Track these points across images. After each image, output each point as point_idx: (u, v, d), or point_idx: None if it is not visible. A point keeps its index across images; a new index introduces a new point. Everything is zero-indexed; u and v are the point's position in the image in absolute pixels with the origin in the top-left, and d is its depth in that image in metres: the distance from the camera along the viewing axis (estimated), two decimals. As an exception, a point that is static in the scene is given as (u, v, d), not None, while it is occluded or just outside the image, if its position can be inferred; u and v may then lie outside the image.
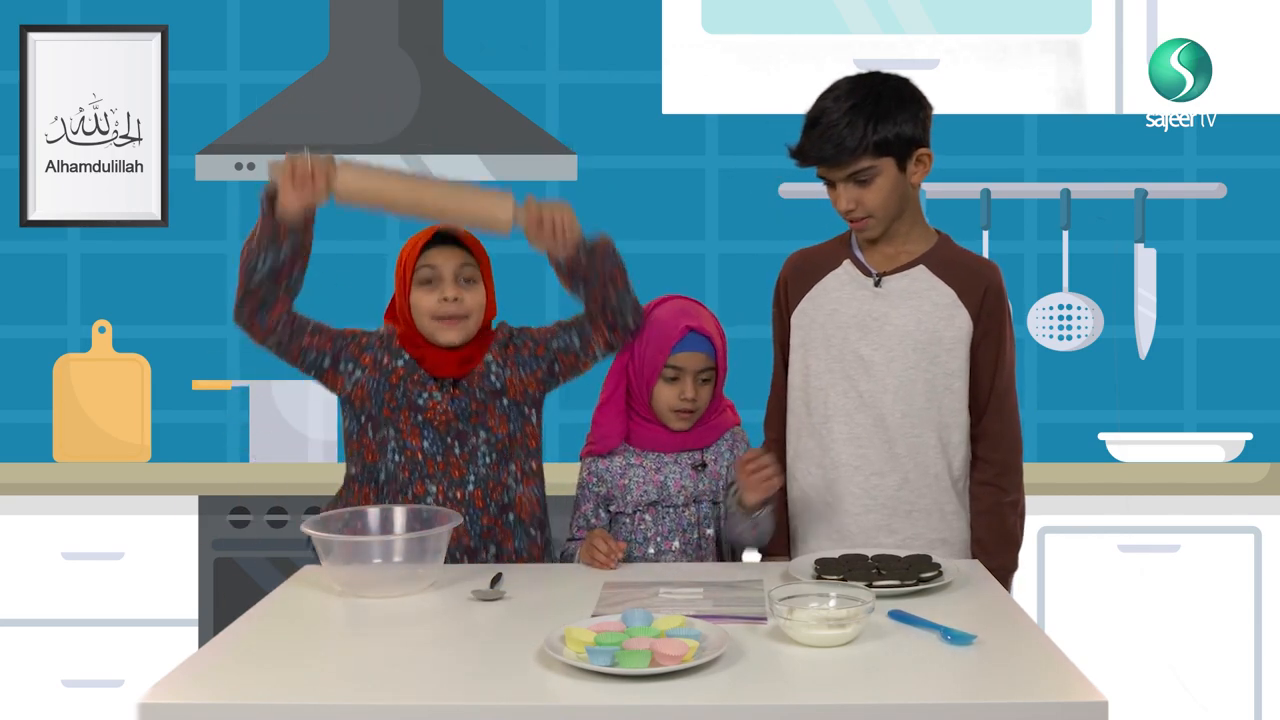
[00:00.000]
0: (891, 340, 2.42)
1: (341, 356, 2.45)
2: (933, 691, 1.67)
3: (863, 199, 2.38)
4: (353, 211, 2.46)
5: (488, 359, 2.47)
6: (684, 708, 1.60)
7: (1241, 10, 3.65)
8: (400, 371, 2.43)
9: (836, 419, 2.44)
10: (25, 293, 3.98)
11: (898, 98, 2.37)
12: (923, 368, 2.41)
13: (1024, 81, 3.68)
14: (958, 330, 2.42)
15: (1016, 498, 2.48)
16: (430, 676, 1.73)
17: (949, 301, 2.42)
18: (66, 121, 3.94)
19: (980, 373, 2.44)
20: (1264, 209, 3.94)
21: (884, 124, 2.34)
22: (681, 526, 2.45)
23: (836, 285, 2.47)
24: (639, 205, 3.97)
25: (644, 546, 2.46)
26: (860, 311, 2.44)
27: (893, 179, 2.38)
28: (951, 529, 2.45)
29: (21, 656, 3.44)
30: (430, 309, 2.41)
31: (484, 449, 2.43)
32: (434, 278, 2.42)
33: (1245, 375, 3.95)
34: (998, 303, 2.44)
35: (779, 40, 3.68)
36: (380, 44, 3.83)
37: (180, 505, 3.46)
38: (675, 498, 2.46)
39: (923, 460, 2.42)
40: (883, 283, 2.44)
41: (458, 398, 2.43)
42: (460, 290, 2.42)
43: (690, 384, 2.45)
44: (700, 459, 2.48)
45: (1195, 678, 3.41)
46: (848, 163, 2.35)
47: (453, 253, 2.44)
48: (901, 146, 2.36)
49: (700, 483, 2.47)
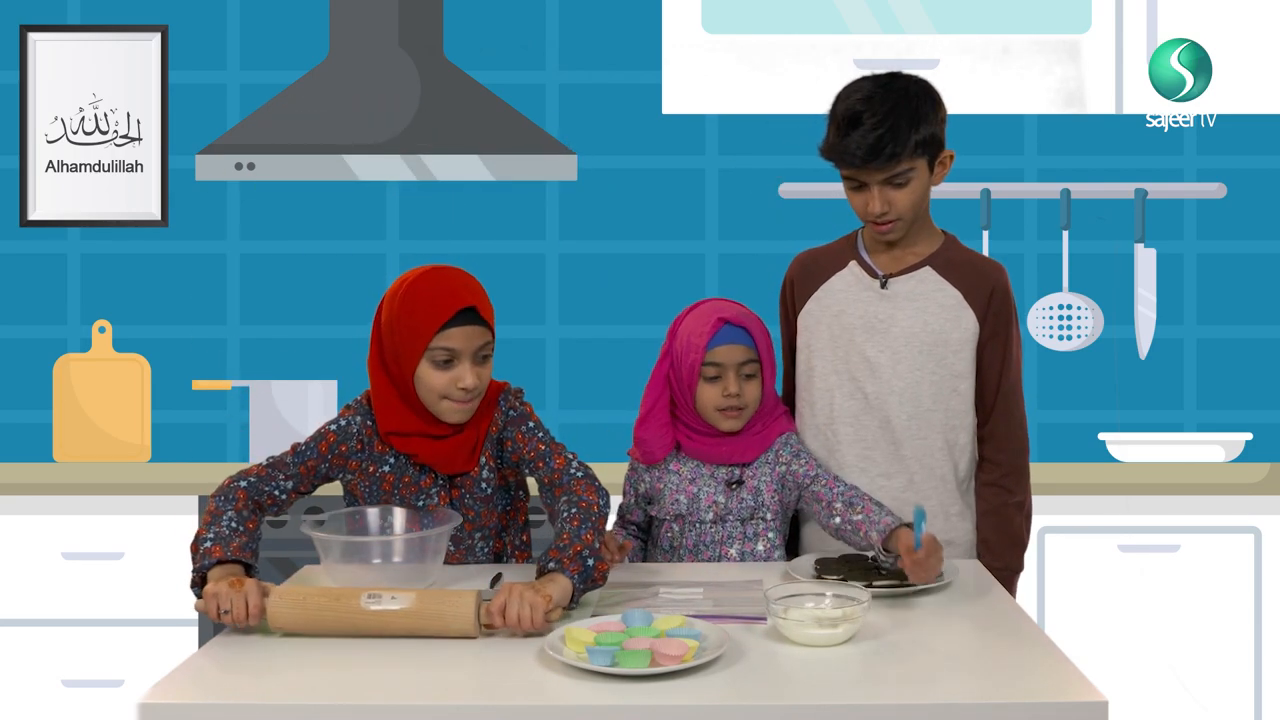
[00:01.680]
0: (898, 342, 2.41)
1: (331, 475, 2.27)
2: (932, 691, 1.67)
3: (896, 201, 2.36)
4: (351, 211, 2.45)
5: (481, 461, 2.29)
6: (684, 708, 1.60)
7: (1241, 10, 3.65)
8: (390, 478, 2.28)
9: (842, 421, 2.44)
10: (25, 293, 3.98)
11: (928, 99, 2.37)
12: (929, 369, 2.41)
13: (1024, 81, 3.68)
14: (964, 331, 2.41)
15: (1022, 498, 2.48)
16: (430, 677, 1.73)
17: (955, 303, 2.42)
18: (66, 121, 3.94)
19: (986, 374, 2.44)
20: (1264, 209, 3.94)
21: (922, 125, 2.34)
22: (705, 543, 2.40)
23: (843, 286, 2.47)
24: (639, 205, 3.97)
25: (669, 555, 2.44)
26: (866, 313, 2.44)
27: (925, 181, 2.38)
28: (957, 530, 2.45)
29: (21, 656, 3.44)
30: (443, 390, 2.19)
31: (480, 545, 2.35)
32: (453, 359, 2.18)
33: (1245, 375, 3.95)
34: (1004, 303, 2.44)
35: (779, 40, 3.68)
36: (380, 44, 3.83)
37: (180, 505, 3.46)
38: (704, 514, 2.40)
39: (929, 462, 2.42)
40: (889, 284, 2.43)
41: (456, 497, 2.30)
42: (478, 372, 2.20)
43: (733, 379, 2.36)
44: (739, 475, 2.40)
45: (1195, 678, 3.41)
46: (891, 165, 2.34)
47: (474, 332, 2.19)
48: (934, 147, 2.37)
49: (732, 500, 2.40)
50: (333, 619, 1.87)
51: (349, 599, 1.88)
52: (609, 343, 3.95)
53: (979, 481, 2.47)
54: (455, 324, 2.17)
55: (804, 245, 2.61)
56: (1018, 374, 2.47)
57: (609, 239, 3.97)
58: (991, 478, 2.46)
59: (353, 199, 3.94)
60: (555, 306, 3.99)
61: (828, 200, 3.87)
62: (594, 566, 1.99)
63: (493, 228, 3.96)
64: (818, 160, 2.33)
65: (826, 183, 3.86)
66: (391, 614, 1.86)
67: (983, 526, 2.46)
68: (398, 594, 1.88)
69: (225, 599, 1.90)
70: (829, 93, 2.46)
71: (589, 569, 1.98)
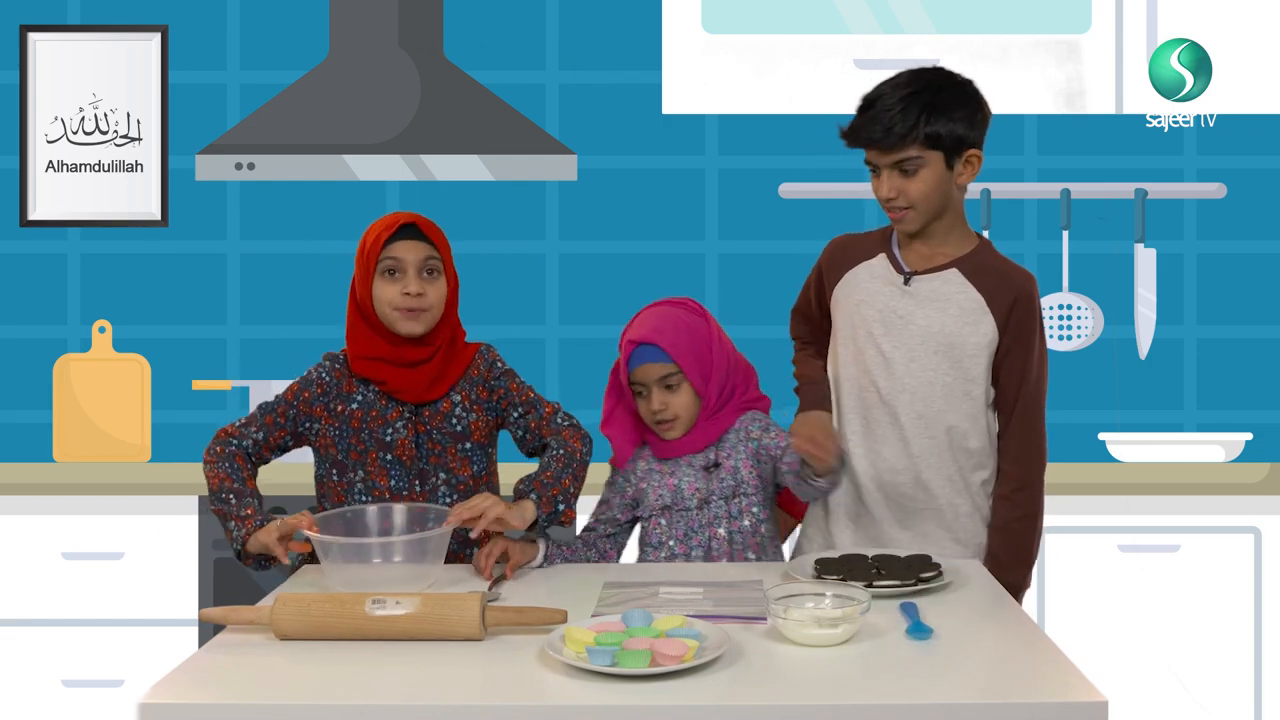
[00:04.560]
0: (914, 340, 2.41)
1: (299, 423, 2.41)
2: (932, 691, 1.67)
3: (905, 189, 2.36)
4: (351, 211, 2.45)
5: (455, 399, 2.42)
6: (684, 708, 1.60)
7: (1241, 10, 3.65)
8: (358, 414, 2.39)
9: (853, 412, 2.45)
10: (25, 293, 3.98)
11: (958, 95, 2.37)
12: (943, 370, 2.40)
13: (1024, 81, 3.67)
14: (982, 337, 2.40)
15: (1034, 515, 2.46)
16: (430, 677, 1.73)
17: (976, 307, 2.40)
18: (66, 121, 3.94)
19: (1005, 383, 2.42)
20: (1264, 209, 3.94)
21: (938, 117, 2.33)
22: (694, 529, 2.43)
23: (868, 277, 2.47)
24: (639, 205, 3.97)
25: (658, 550, 2.45)
26: (885, 308, 2.43)
27: (938, 174, 2.36)
28: (966, 530, 2.44)
29: (21, 656, 3.44)
30: (392, 300, 2.37)
31: (444, 489, 2.40)
32: (397, 269, 2.37)
33: (1245, 375, 3.95)
34: (1027, 313, 2.42)
35: (779, 40, 3.68)
36: (380, 44, 3.83)
37: (180, 505, 3.46)
38: (689, 501, 2.44)
39: (934, 461, 2.41)
40: (912, 282, 2.43)
41: (421, 432, 2.39)
42: (423, 284, 2.37)
43: (655, 395, 2.43)
44: (713, 458, 2.45)
45: (1195, 678, 3.41)
46: (895, 149, 2.34)
47: (416, 245, 2.39)
48: (952, 143, 2.35)
49: (712, 482, 2.44)
50: (337, 625, 1.87)
51: (353, 605, 1.88)
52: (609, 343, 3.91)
53: (994, 494, 2.46)
54: (399, 237, 2.38)
55: (804, 245, 2.62)
56: (1039, 388, 2.45)
57: (609, 239, 3.97)
58: (1004, 491, 2.45)
59: (353, 199, 3.93)
60: (555, 306, 3.99)
61: (828, 200, 3.87)
62: (562, 511, 2.28)
63: (493, 228, 3.96)
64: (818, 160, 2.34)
65: (827, 183, 3.87)
66: (396, 619, 1.86)
67: (992, 540, 2.45)
68: (401, 599, 1.88)
69: (276, 530, 2.15)
70: (829, 93, 2.48)
71: (557, 512, 2.27)
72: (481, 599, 1.88)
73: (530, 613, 1.90)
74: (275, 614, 1.88)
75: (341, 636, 1.87)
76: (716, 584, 2.17)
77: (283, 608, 1.88)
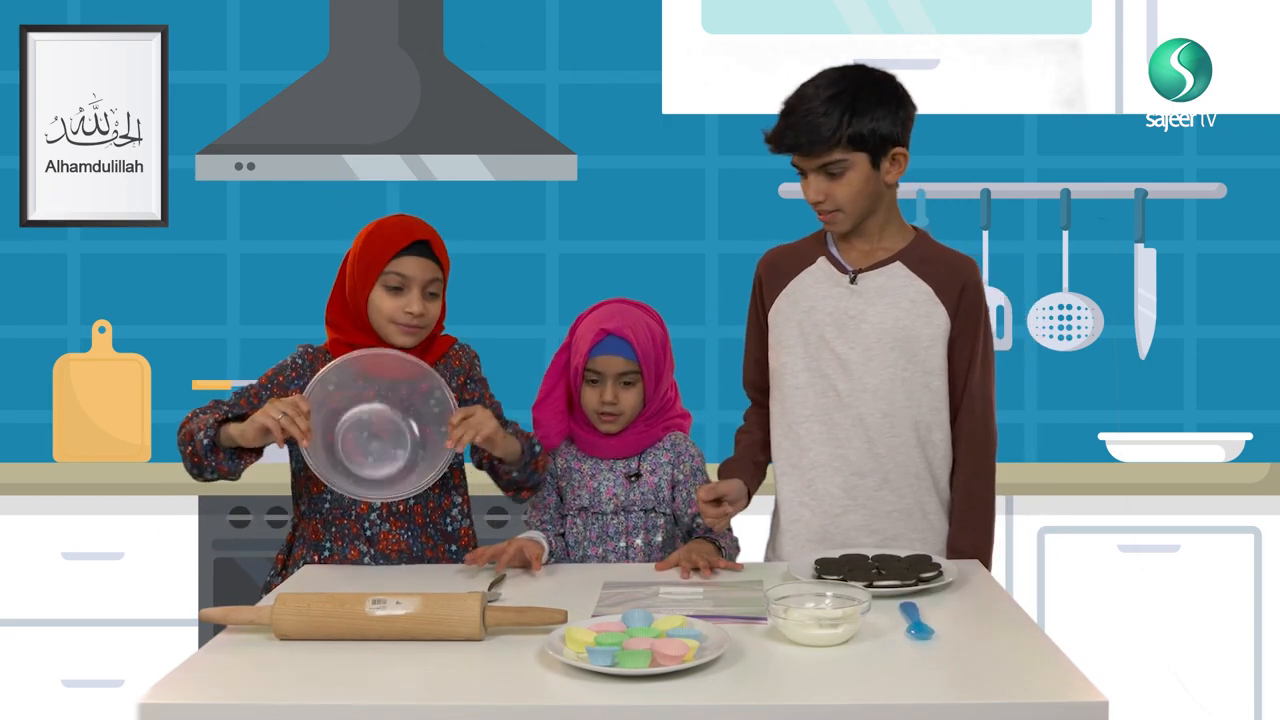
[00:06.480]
0: (869, 339, 2.39)
1: None
2: (932, 691, 1.67)
3: (832, 192, 2.35)
4: (351, 211, 2.45)
5: None
6: (684, 708, 1.60)
7: (1241, 10, 3.65)
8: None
9: (814, 419, 2.42)
10: (25, 293, 3.98)
11: (878, 94, 2.34)
12: (901, 366, 2.39)
13: (1024, 81, 3.68)
14: (935, 328, 2.39)
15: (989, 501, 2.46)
16: (430, 676, 1.73)
17: (926, 298, 2.39)
18: (66, 121, 3.94)
19: (955, 370, 2.42)
20: (1264, 209, 3.94)
21: (860, 119, 2.31)
22: (607, 534, 2.46)
23: (813, 282, 2.44)
24: (639, 205, 3.97)
25: (575, 550, 2.48)
26: (836, 309, 2.41)
27: (864, 175, 2.34)
28: (934, 529, 2.44)
29: (21, 656, 3.44)
30: (391, 314, 2.35)
31: None
32: (403, 286, 2.35)
33: (1245, 375, 3.95)
34: (975, 299, 2.41)
35: (779, 40, 3.68)
36: (380, 44, 3.83)
37: (180, 505, 3.46)
38: (605, 505, 2.47)
39: (902, 459, 2.40)
40: (859, 280, 2.41)
41: None
42: (425, 304, 2.36)
43: (610, 387, 2.44)
44: (636, 468, 2.49)
45: (1195, 678, 3.41)
46: (820, 153, 2.33)
47: (425, 265, 2.37)
48: (876, 143, 2.33)
49: (632, 492, 2.47)
50: (337, 625, 1.87)
51: (353, 605, 1.88)
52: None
53: (951, 485, 2.46)
54: (409, 253, 2.36)
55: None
56: (987, 372, 2.44)
57: (609, 239, 3.97)
58: (959, 480, 2.45)
59: (353, 199, 3.94)
60: (555, 306, 3.99)
61: (828, 200, 3.87)
62: (539, 453, 2.38)
63: (493, 228, 3.96)
64: (817, 161, 2.33)
65: (826, 183, 3.87)
66: (396, 619, 1.86)
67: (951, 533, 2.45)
68: (402, 599, 1.88)
69: (276, 409, 2.14)
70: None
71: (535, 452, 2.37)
72: (481, 599, 1.88)
73: (530, 613, 1.90)
74: (275, 614, 1.88)
75: (341, 636, 1.87)
76: (716, 584, 2.17)
77: (283, 608, 1.88)
